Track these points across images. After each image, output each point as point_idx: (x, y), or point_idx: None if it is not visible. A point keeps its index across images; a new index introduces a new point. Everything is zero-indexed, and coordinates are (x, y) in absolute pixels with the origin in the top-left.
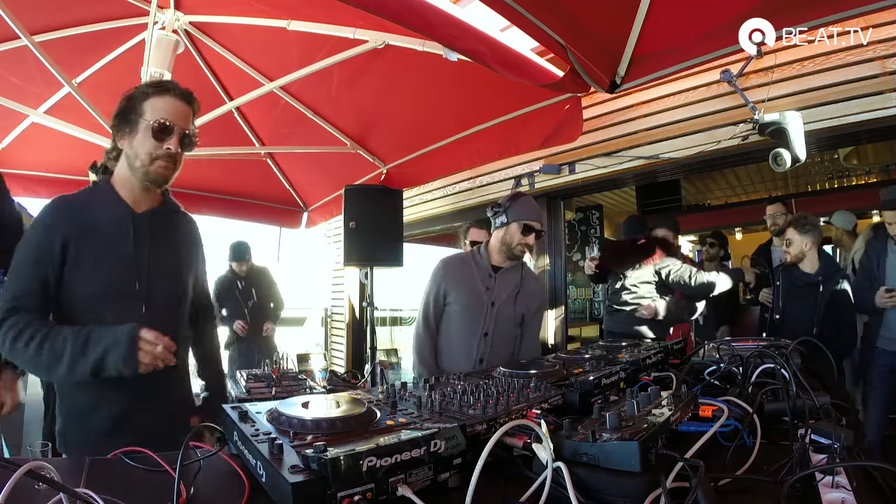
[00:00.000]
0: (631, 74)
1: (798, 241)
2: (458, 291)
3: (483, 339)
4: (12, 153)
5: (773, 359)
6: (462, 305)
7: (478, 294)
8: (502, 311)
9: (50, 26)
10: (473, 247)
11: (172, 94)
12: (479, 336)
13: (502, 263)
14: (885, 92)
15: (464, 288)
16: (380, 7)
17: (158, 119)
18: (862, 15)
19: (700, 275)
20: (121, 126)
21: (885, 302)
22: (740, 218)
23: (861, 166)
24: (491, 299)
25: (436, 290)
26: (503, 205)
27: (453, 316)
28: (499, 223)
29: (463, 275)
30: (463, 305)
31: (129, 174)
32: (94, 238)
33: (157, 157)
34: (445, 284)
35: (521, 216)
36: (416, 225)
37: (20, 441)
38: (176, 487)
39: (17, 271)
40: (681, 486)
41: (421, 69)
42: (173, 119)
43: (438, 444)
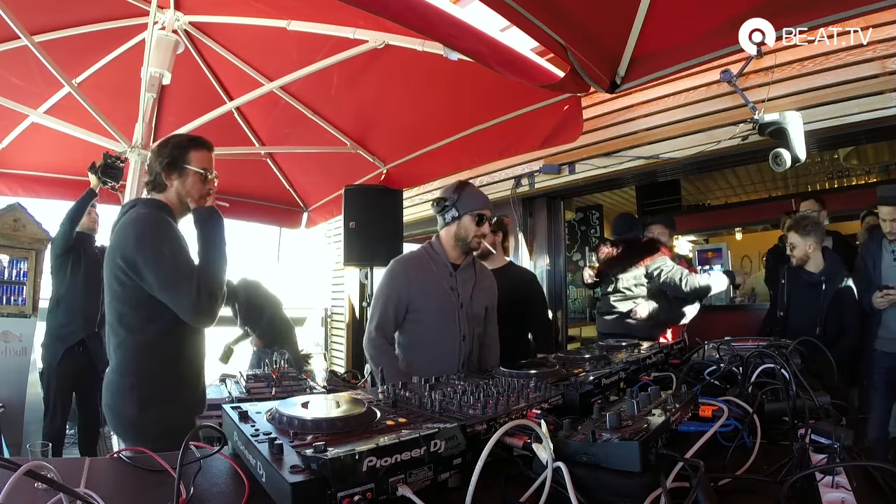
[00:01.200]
0: (631, 74)
1: (800, 243)
2: (426, 297)
3: (462, 342)
4: (12, 153)
5: (773, 359)
6: (434, 310)
7: (446, 296)
8: (470, 310)
9: (50, 26)
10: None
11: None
12: (458, 340)
13: (458, 260)
14: (885, 92)
15: (431, 292)
16: (381, 7)
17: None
18: (862, 15)
19: (692, 277)
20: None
21: (879, 302)
22: (740, 218)
23: (861, 166)
24: (459, 300)
25: (396, 298)
26: (449, 198)
27: (425, 322)
28: (449, 218)
29: (426, 278)
30: (435, 310)
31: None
32: None
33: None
34: (409, 290)
35: (472, 206)
36: (416, 225)
37: (20, 441)
38: (176, 487)
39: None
40: (681, 486)
41: (421, 69)
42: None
43: (438, 444)
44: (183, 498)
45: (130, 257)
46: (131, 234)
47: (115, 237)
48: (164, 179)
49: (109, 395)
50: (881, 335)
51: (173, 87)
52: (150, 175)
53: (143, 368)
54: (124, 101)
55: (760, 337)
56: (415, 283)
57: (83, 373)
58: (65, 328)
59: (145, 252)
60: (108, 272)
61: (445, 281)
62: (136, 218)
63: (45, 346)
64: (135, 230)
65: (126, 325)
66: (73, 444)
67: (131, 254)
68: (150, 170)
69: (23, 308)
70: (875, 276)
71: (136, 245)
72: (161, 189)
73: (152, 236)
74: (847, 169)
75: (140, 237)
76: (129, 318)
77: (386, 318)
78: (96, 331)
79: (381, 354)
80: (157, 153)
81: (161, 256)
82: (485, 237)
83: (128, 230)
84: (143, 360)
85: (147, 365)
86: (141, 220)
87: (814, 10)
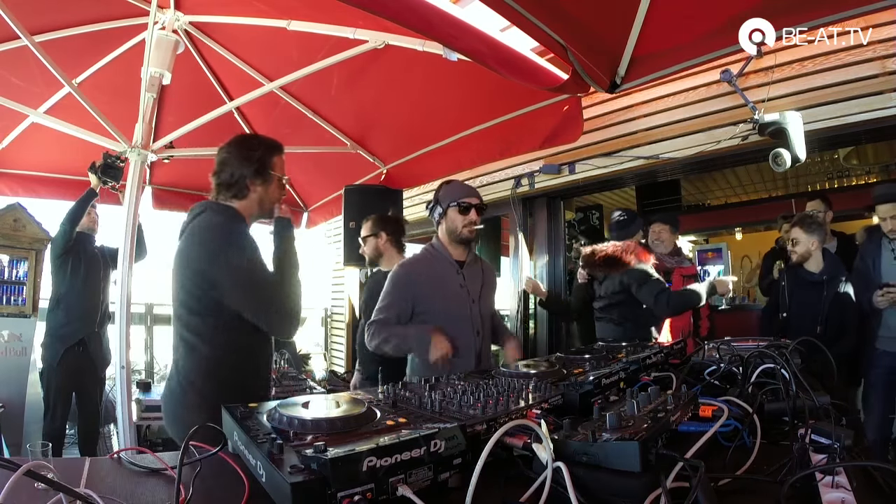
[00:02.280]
0: (631, 74)
1: (805, 240)
2: (434, 297)
3: (476, 337)
4: (12, 153)
5: (773, 359)
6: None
7: (456, 293)
8: (481, 306)
9: (50, 26)
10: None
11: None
12: (473, 335)
13: (461, 256)
14: (885, 92)
15: (440, 291)
16: (380, 7)
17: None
18: (862, 15)
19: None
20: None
21: (880, 301)
22: (740, 218)
23: (861, 166)
24: (470, 296)
25: (398, 306)
26: (434, 198)
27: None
28: (437, 216)
29: (433, 278)
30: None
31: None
32: None
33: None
34: (415, 293)
35: (453, 197)
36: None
37: (20, 441)
38: (176, 487)
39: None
40: (681, 486)
41: (421, 69)
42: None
43: (438, 444)
44: (183, 498)
45: (207, 269)
46: (208, 244)
47: (187, 244)
48: (248, 184)
49: (175, 404)
50: (881, 334)
51: (173, 87)
52: (229, 177)
53: (212, 378)
54: (124, 101)
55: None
56: (422, 284)
57: (83, 373)
58: (65, 328)
59: (225, 265)
60: (179, 281)
61: (454, 279)
62: (211, 226)
63: (44, 345)
64: (213, 240)
65: (198, 334)
66: (73, 444)
67: (208, 266)
68: (230, 170)
69: (23, 308)
70: (875, 276)
71: (214, 257)
72: (242, 195)
73: (231, 248)
74: (847, 169)
75: (219, 249)
76: (201, 329)
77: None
78: (96, 331)
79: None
80: (242, 155)
81: (241, 271)
82: (475, 224)
83: (204, 239)
84: (213, 370)
85: (216, 375)
86: (218, 229)
87: (814, 10)
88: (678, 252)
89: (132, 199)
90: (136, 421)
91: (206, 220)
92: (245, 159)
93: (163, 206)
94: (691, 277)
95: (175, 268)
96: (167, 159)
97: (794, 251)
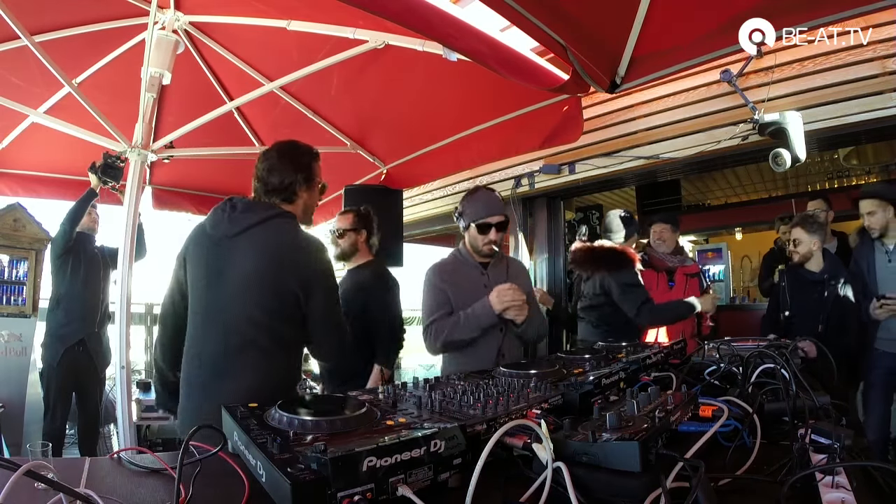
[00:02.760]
0: (631, 74)
1: (807, 240)
2: (461, 295)
3: (499, 333)
4: (12, 153)
5: (773, 359)
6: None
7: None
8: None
9: (50, 26)
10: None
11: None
12: (496, 332)
13: (486, 259)
14: (885, 92)
15: (466, 289)
16: (380, 7)
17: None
18: (862, 15)
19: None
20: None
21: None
22: (740, 218)
23: (861, 166)
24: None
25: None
26: (459, 208)
27: None
28: (462, 227)
29: (459, 279)
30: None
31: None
32: None
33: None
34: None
35: (474, 216)
36: (416, 225)
37: (20, 441)
38: (176, 487)
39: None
40: (681, 486)
41: (421, 69)
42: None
43: (438, 444)
44: (183, 498)
45: (304, 277)
46: (307, 254)
47: (277, 250)
48: (297, 189)
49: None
50: (881, 335)
51: (173, 87)
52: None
53: (279, 386)
54: (124, 101)
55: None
56: (449, 284)
57: (83, 373)
58: (65, 328)
59: (325, 279)
60: (259, 282)
61: (478, 280)
62: (303, 235)
63: (44, 345)
64: (311, 251)
65: (278, 342)
66: (73, 444)
67: (306, 274)
68: (280, 176)
69: (23, 308)
70: (870, 280)
71: (313, 267)
72: (291, 200)
73: (329, 263)
74: (847, 169)
75: (319, 261)
76: (285, 336)
77: (441, 318)
78: (96, 331)
79: (443, 325)
80: (292, 162)
81: (335, 290)
82: (494, 243)
83: (299, 246)
84: (282, 379)
85: (283, 383)
86: (313, 241)
87: (814, 10)
88: (680, 251)
89: (132, 199)
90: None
91: (293, 230)
92: (296, 165)
93: (163, 206)
94: (694, 276)
95: (249, 272)
96: (167, 159)
97: (797, 252)
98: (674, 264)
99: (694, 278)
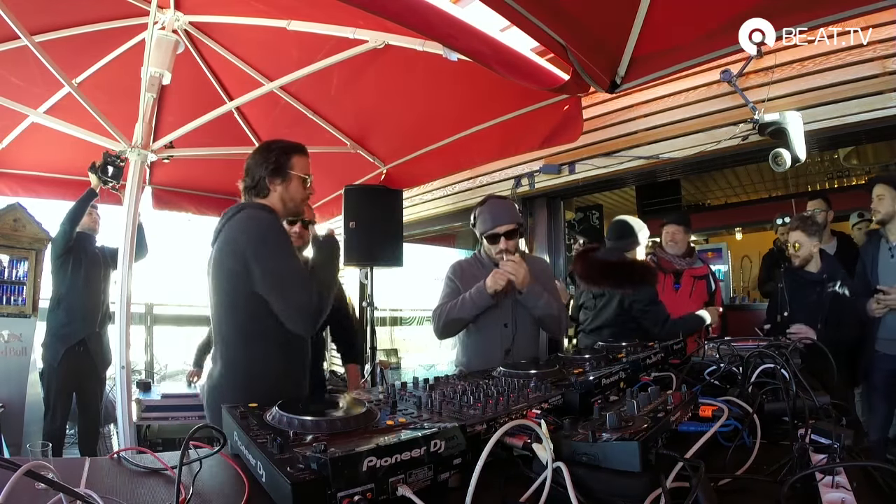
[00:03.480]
0: (631, 74)
1: (807, 242)
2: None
3: (504, 329)
4: (12, 153)
5: (773, 359)
6: None
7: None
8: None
9: (50, 26)
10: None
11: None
12: (500, 327)
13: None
14: (885, 92)
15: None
16: (380, 7)
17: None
18: (862, 15)
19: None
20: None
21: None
22: (740, 218)
23: (861, 166)
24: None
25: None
26: (472, 219)
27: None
28: (477, 235)
29: (477, 274)
30: None
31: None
32: None
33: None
34: (461, 284)
35: (482, 228)
36: (416, 225)
37: (20, 441)
38: (176, 487)
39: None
40: (681, 486)
41: (421, 69)
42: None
43: (438, 444)
44: (183, 498)
45: (243, 255)
46: (245, 232)
47: (225, 238)
48: (267, 184)
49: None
50: (881, 336)
51: (173, 87)
52: (250, 179)
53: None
54: (124, 101)
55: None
56: (465, 278)
57: (84, 372)
58: (66, 328)
59: (260, 249)
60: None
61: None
62: (248, 217)
63: (45, 345)
64: (248, 229)
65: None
66: (73, 444)
67: (244, 251)
68: (251, 174)
69: (23, 308)
70: (872, 277)
71: (249, 243)
72: (263, 194)
73: (267, 235)
74: (847, 169)
75: (254, 236)
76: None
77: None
78: (97, 330)
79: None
80: (260, 158)
81: (276, 255)
82: (506, 251)
83: (241, 229)
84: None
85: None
86: (254, 219)
87: (814, 10)
88: (690, 253)
89: (132, 199)
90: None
91: (244, 214)
92: (263, 161)
93: (163, 206)
94: (702, 278)
95: (212, 269)
96: (167, 159)
97: (798, 255)
98: (682, 267)
99: (701, 280)
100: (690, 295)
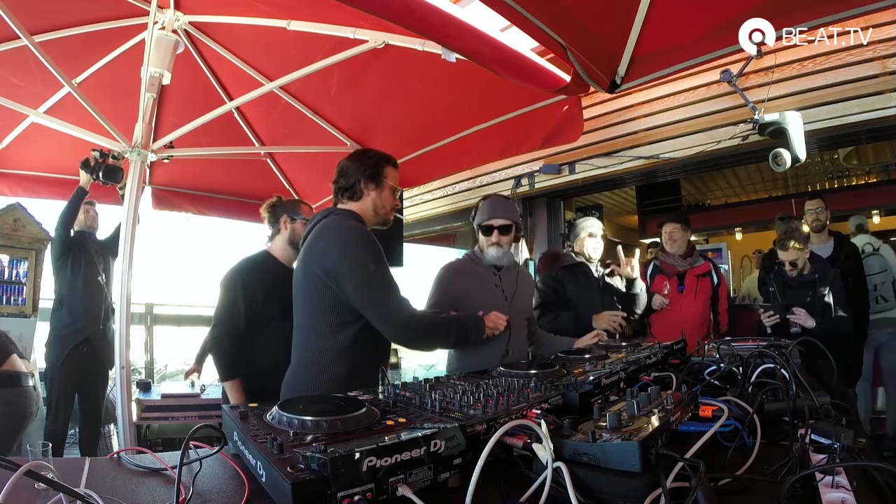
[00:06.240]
0: (631, 74)
1: (802, 256)
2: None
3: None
4: (12, 153)
5: (773, 359)
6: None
7: (491, 291)
8: (516, 304)
9: (50, 26)
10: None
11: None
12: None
13: (500, 262)
14: (885, 92)
15: (477, 287)
16: (380, 8)
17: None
18: (862, 15)
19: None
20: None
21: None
22: (740, 218)
23: (861, 166)
24: (504, 294)
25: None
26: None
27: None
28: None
29: (471, 278)
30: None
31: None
32: None
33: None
34: (454, 290)
35: (480, 219)
36: (416, 225)
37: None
38: (176, 487)
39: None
40: (681, 486)
41: (421, 69)
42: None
43: (438, 444)
44: (183, 498)
45: (332, 268)
46: (334, 240)
47: (313, 243)
48: (362, 188)
49: (292, 393)
50: None
51: (173, 87)
52: (344, 181)
53: (325, 372)
54: (124, 101)
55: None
56: (459, 282)
57: (87, 373)
58: (69, 328)
59: (349, 259)
60: (303, 279)
61: (490, 278)
62: (335, 227)
63: (48, 345)
64: (338, 240)
65: (316, 329)
66: (74, 444)
67: (333, 264)
68: (347, 176)
69: (23, 308)
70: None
71: (338, 252)
72: (357, 197)
73: (355, 243)
74: (847, 169)
75: (343, 244)
76: (320, 323)
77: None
78: (101, 328)
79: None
80: (358, 163)
81: (365, 264)
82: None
83: (329, 239)
84: (327, 363)
85: (328, 369)
86: (343, 230)
87: (814, 10)
88: (692, 251)
89: (132, 199)
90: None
91: (330, 223)
92: (361, 165)
93: (163, 207)
94: (705, 275)
95: (300, 268)
96: (167, 159)
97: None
98: (684, 268)
99: (705, 278)
100: (695, 295)
